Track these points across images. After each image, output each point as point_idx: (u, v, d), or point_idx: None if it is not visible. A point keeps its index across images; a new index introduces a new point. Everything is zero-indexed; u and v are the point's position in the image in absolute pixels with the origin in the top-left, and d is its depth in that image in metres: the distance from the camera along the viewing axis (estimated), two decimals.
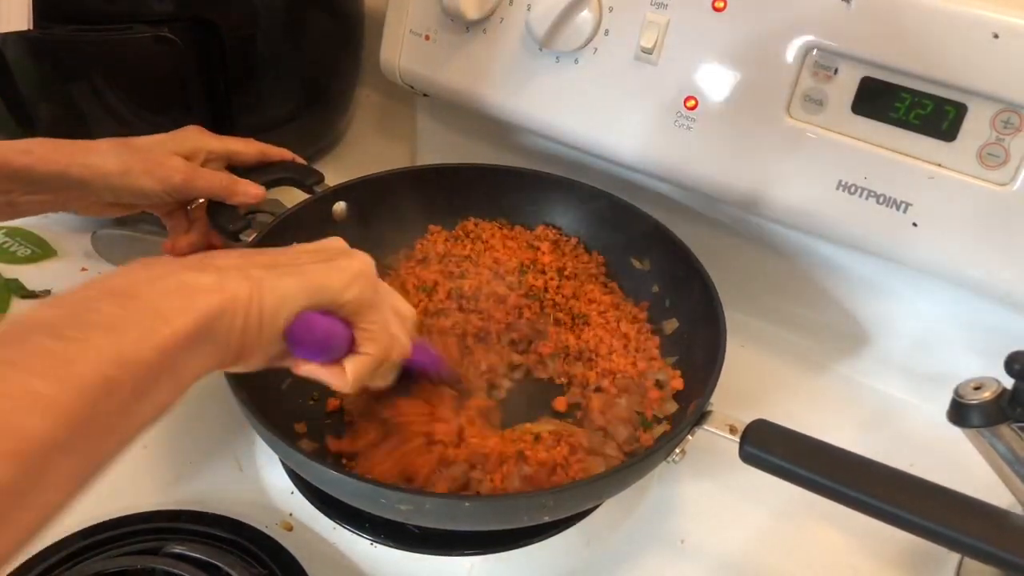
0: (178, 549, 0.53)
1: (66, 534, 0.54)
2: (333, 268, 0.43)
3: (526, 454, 0.55)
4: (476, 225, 0.76)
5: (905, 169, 0.59)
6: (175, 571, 0.51)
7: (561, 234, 0.76)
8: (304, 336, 0.42)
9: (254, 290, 0.38)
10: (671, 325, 0.67)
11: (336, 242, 0.48)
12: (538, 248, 0.73)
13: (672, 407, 0.61)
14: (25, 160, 0.58)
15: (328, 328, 0.44)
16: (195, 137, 0.67)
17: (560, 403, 0.63)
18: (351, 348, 0.46)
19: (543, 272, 0.71)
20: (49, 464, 0.28)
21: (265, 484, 0.61)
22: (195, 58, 0.75)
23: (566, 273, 0.72)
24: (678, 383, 0.62)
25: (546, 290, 0.70)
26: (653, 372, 0.64)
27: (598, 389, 0.63)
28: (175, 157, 0.63)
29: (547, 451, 0.55)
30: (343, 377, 0.45)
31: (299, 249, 0.45)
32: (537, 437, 0.57)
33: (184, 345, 0.34)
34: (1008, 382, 0.46)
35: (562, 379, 0.65)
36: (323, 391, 0.62)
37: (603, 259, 0.74)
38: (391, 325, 0.47)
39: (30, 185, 0.59)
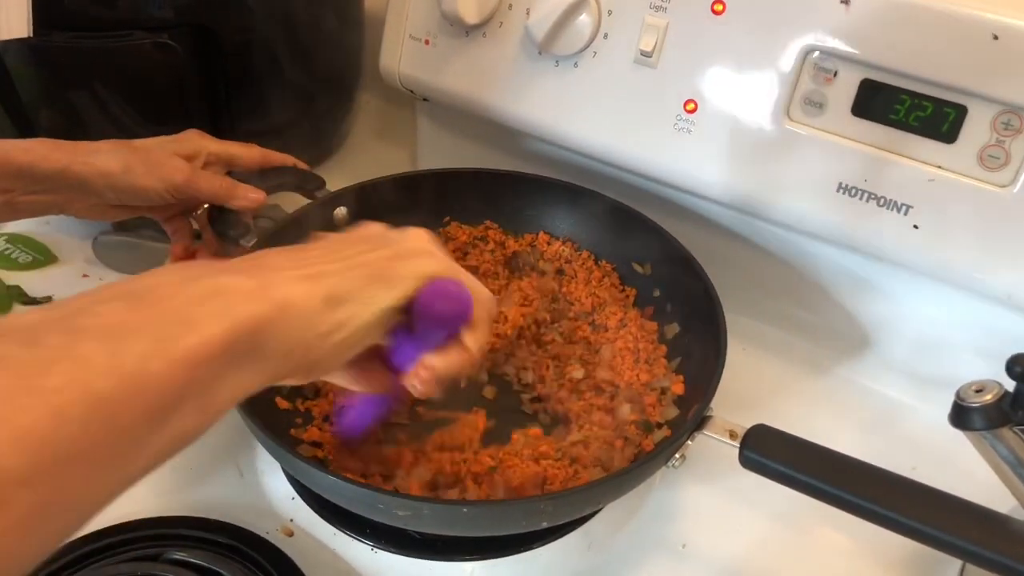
0: (179, 555, 0.53)
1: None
2: (398, 254, 0.39)
3: (506, 469, 0.55)
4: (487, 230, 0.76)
5: (905, 171, 0.59)
6: None
7: (574, 249, 0.75)
8: (435, 305, 0.37)
9: (316, 290, 0.33)
10: (672, 330, 0.67)
11: (376, 227, 0.43)
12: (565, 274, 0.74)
13: (673, 412, 0.60)
14: (27, 158, 0.58)
15: (457, 291, 0.39)
16: (195, 140, 0.67)
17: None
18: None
19: (571, 304, 0.71)
20: (11, 504, 0.22)
21: (266, 490, 0.61)
22: (195, 64, 0.75)
23: (595, 300, 0.71)
24: (679, 388, 0.62)
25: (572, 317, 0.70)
26: (658, 381, 0.63)
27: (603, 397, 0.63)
28: (176, 158, 0.64)
29: (532, 464, 0.56)
30: (470, 351, 0.41)
31: (351, 239, 0.40)
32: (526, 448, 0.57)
33: (217, 358, 0.28)
34: (1010, 384, 0.46)
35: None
36: (319, 395, 0.62)
37: (612, 266, 0.73)
38: (478, 283, 0.43)
39: (32, 184, 0.59)
